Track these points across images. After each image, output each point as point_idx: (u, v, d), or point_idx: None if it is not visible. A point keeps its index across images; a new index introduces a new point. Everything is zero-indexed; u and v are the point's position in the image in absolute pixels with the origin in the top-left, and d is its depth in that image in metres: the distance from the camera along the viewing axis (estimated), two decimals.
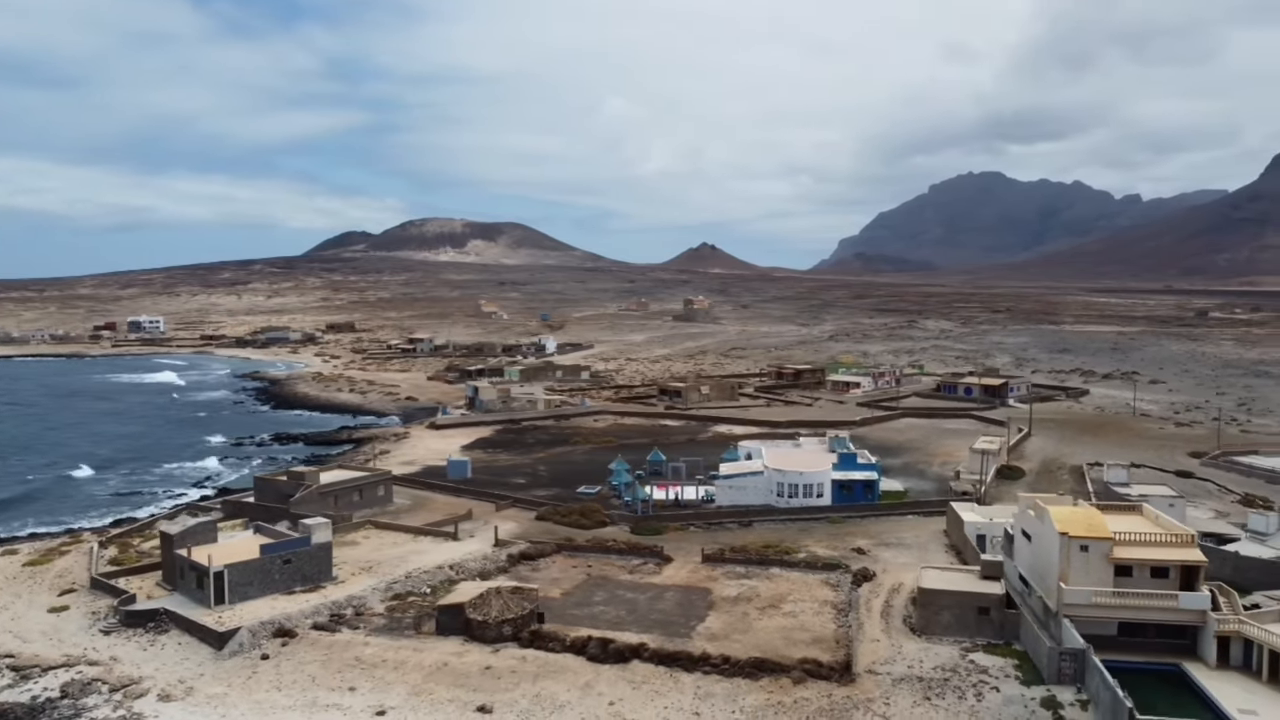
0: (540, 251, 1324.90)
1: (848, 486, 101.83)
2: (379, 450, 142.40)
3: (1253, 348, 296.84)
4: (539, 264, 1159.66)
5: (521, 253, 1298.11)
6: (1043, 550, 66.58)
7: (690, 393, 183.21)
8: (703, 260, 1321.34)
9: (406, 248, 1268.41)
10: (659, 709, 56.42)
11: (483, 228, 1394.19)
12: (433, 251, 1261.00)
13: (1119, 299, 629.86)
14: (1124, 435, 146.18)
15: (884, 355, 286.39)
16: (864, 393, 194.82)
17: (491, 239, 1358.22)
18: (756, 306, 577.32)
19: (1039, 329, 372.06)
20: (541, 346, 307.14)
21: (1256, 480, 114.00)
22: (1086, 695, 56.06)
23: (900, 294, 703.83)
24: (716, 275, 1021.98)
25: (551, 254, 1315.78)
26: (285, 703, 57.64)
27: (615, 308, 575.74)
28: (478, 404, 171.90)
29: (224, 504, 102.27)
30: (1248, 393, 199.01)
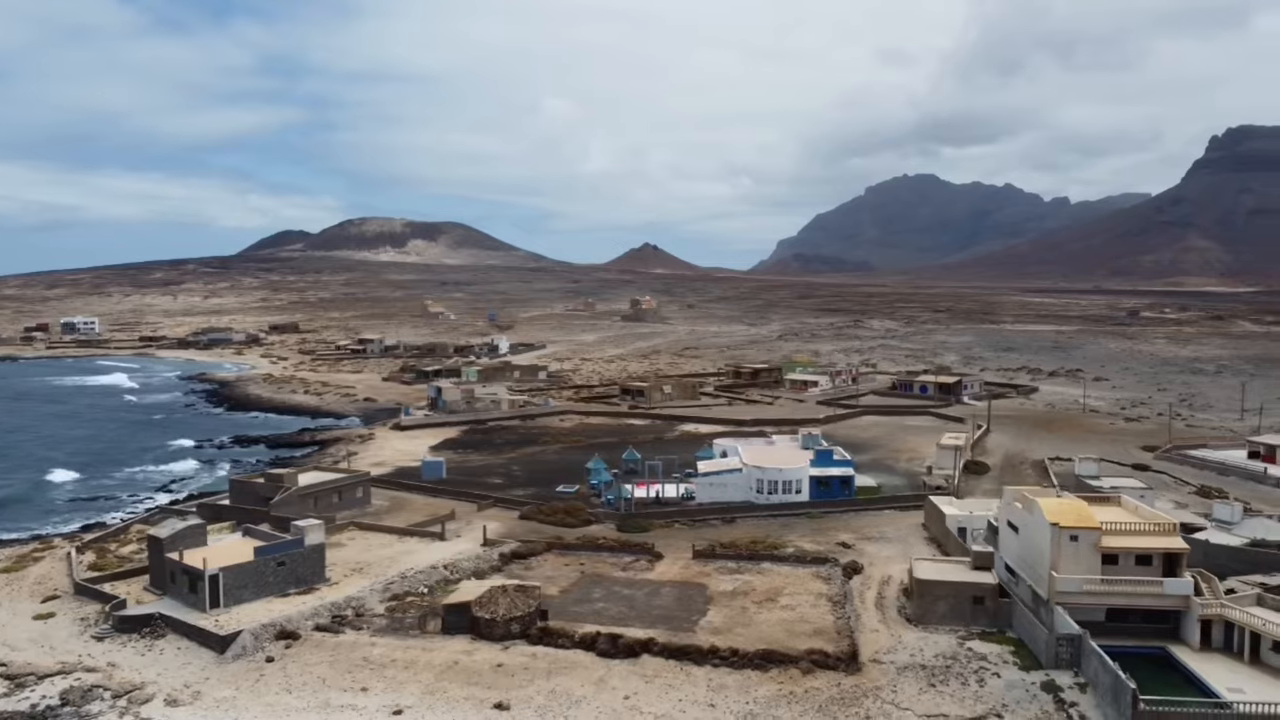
0: (482, 251, 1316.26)
1: (825, 483, 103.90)
2: (347, 452, 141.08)
3: (1185, 346, 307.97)
4: (481, 264, 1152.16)
5: (463, 253, 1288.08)
6: (1032, 541, 68.96)
7: (653, 392, 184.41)
8: (645, 261, 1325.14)
9: (346, 247, 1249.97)
10: (674, 701, 57.39)
11: (423, 227, 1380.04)
12: (373, 251, 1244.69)
13: (1053, 299, 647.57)
14: (1078, 431, 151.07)
15: (835, 354, 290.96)
16: (822, 391, 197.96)
17: (432, 239, 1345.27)
18: (702, 307, 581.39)
19: (981, 328, 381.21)
20: (495, 347, 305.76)
21: (1209, 473, 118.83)
22: (1084, 679, 58.40)
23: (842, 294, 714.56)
24: (659, 275, 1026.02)
25: (493, 254, 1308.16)
26: (298, 705, 57.34)
27: (562, 308, 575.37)
28: (441, 405, 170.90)
29: (200, 507, 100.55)
30: (1186, 389, 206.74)
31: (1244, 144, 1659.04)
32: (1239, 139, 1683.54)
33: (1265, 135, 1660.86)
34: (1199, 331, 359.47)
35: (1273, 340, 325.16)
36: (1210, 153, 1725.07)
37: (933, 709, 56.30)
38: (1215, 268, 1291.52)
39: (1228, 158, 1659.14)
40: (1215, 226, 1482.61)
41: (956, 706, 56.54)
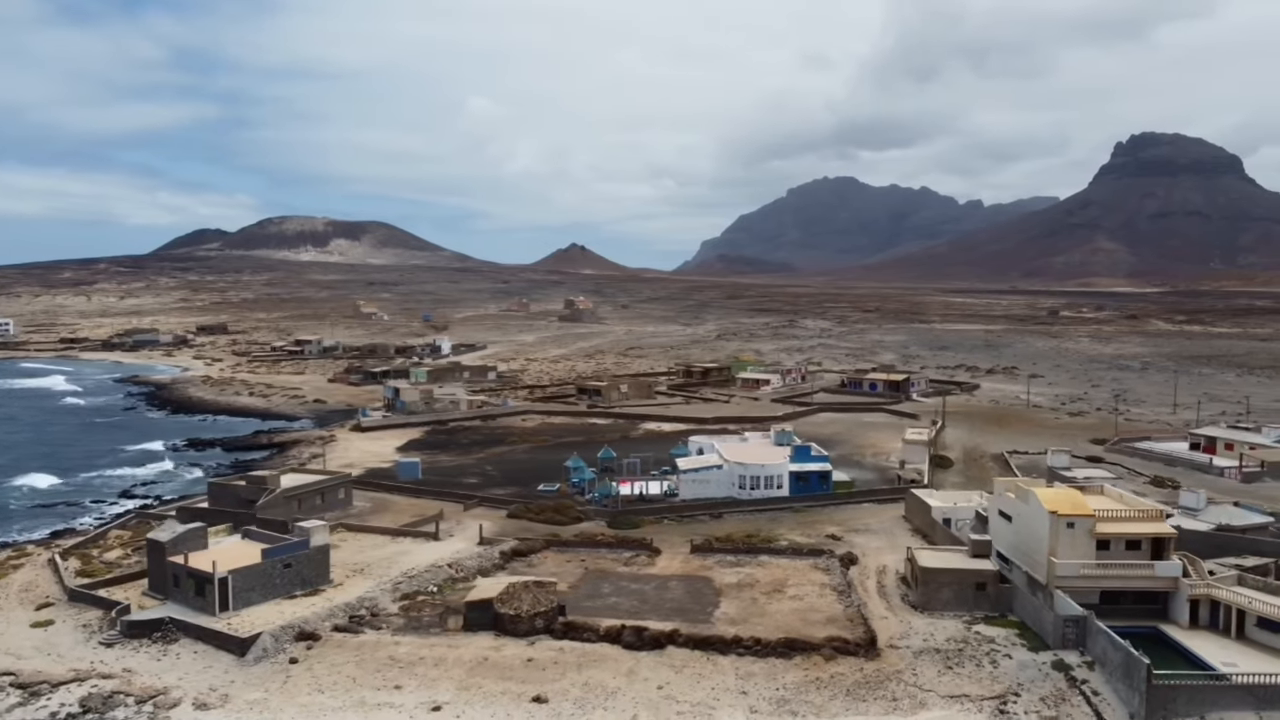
0: (407, 251, 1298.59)
1: (804, 478, 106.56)
2: (311, 454, 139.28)
3: (1108, 343, 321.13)
4: (406, 264, 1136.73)
5: (387, 252, 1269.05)
6: (1027, 529, 72.36)
7: (610, 391, 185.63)
8: (573, 261, 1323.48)
9: (265, 246, 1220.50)
10: (706, 690, 58.93)
11: (346, 226, 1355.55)
12: (294, 251, 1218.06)
13: (974, 299, 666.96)
14: (1027, 426, 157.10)
15: (777, 354, 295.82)
16: (774, 389, 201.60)
17: (355, 238, 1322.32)
18: (635, 307, 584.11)
19: (913, 327, 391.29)
20: (437, 348, 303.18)
21: (1156, 463, 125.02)
22: (1090, 657, 61.67)
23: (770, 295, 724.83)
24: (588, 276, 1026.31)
25: (419, 254, 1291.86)
26: (333, 704, 57.26)
27: (496, 308, 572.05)
28: (399, 406, 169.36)
29: (180, 511, 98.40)
30: (1117, 385, 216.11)
31: (1146, 150, 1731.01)
32: (1142, 145, 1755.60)
33: (1166, 142, 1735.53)
34: (1118, 330, 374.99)
35: (1186, 338, 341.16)
36: (1115, 158, 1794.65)
37: (954, 690, 58.92)
38: (1122, 269, 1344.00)
39: (1131, 163, 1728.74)
40: (1121, 229, 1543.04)
41: (976, 687, 59.26)
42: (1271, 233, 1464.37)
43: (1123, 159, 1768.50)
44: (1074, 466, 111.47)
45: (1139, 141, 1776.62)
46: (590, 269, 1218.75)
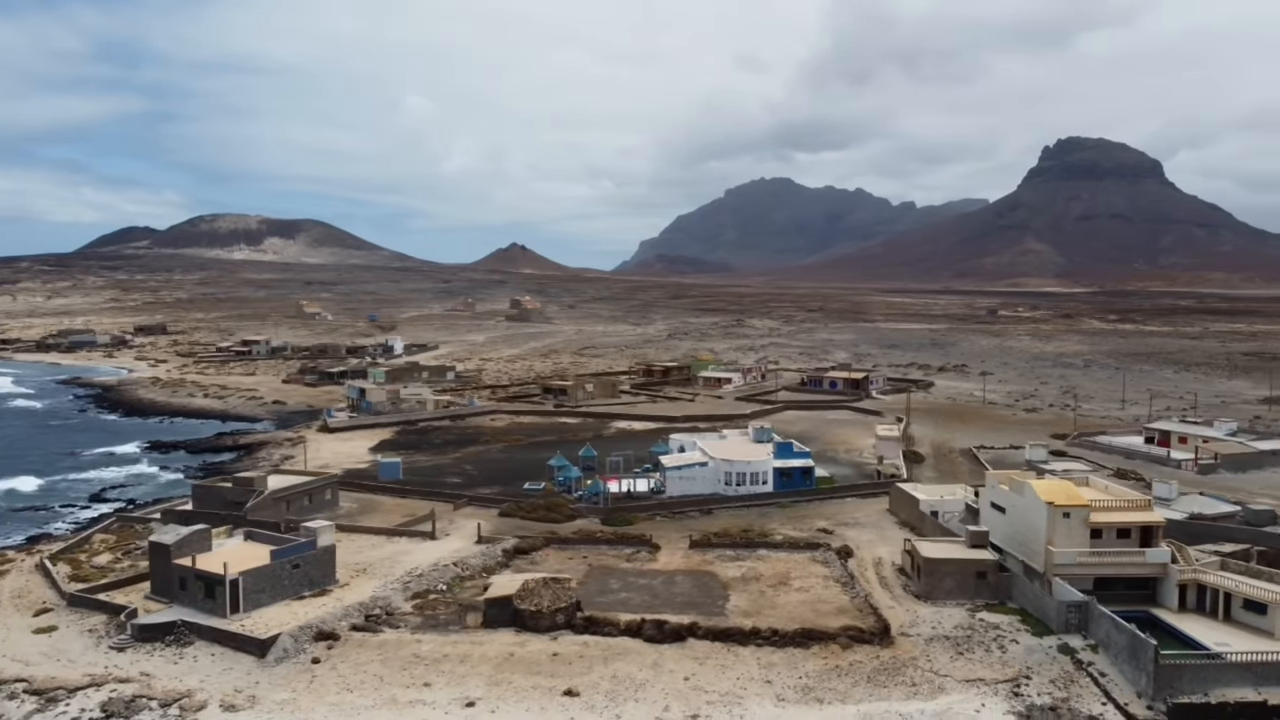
0: (344, 250, 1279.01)
1: (788, 474, 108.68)
2: (283, 455, 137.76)
3: (1049, 342, 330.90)
4: (344, 263, 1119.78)
5: (324, 251, 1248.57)
6: (1022, 519, 75.30)
7: (575, 391, 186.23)
8: (514, 261, 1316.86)
9: (197, 245, 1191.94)
10: (732, 680, 60.33)
11: (280, 225, 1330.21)
12: (226, 249, 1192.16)
13: (912, 299, 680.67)
14: (987, 422, 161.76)
15: (730, 353, 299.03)
16: (736, 388, 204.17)
17: (290, 237, 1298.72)
18: (582, 307, 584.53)
19: (860, 326, 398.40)
20: (390, 348, 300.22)
21: (1116, 456, 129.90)
22: (1093, 640, 64.48)
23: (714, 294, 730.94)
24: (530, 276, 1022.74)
25: (356, 253, 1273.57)
26: (364, 703, 57.34)
27: (441, 308, 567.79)
28: (365, 406, 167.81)
29: (164, 514, 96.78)
30: (1065, 382, 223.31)
31: (1072, 154, 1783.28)
32: (1068, 150, 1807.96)
33: (1090, 147, 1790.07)
34: (1056, 329, 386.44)
35: (1122, 337, 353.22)
36: (1043, 162, 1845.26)
37: (970, 674, 61.20)
38: (1050, 269, 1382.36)
39: (1058, 167, 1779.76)
40: (1049, 231, 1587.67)
41: (989, 671, 61.63)
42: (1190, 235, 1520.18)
43: (1050, 163, 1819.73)
44: (1050, 460, 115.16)
45: (1065, 146, 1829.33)
46: (531, 269, 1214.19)
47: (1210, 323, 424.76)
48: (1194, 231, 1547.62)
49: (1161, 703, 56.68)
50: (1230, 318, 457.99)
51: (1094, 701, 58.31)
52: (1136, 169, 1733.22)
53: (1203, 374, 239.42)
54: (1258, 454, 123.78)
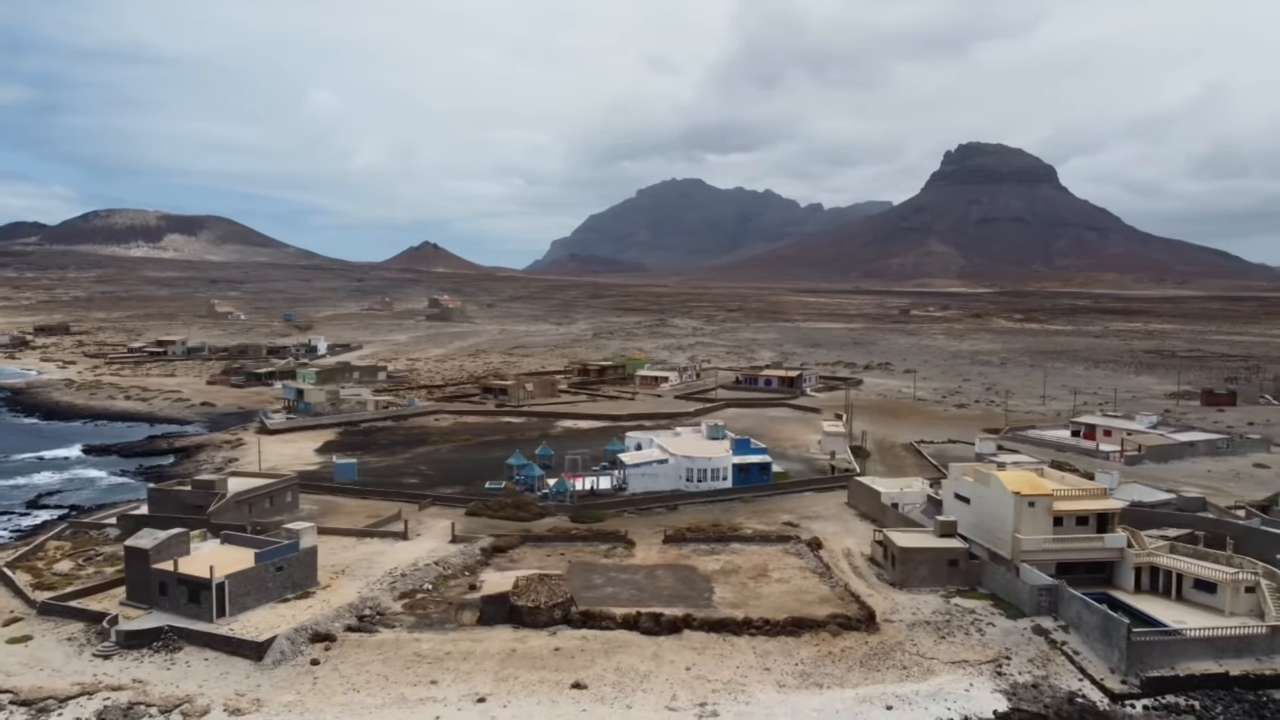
0: (249, 248, 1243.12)
1: (746, 470, 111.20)
2: (226, 457, 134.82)
3: (963, 340, 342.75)
4: (250, 261, 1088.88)
5: (228, 249, 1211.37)
6: (988, 509, 79.09)
7: (516, 390, 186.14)
8: (426, 260, 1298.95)
9: (92, 241, 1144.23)
10: (732, 668, 62.19)
11: (181, 221, 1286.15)
12: (124, 246, 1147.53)
13: (826, 298, 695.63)
14: (921, 418, 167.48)
15: (659, 351, 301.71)
16: (672, 386, 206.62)
17: (192, 233, 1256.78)
18: (501, 306, 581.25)
19: (781, 326, 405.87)
20: (313, 348, 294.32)
21: (1048, 450, 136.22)
22: (1064, 621, 68.33)
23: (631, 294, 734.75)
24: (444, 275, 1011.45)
25: (262, 251, 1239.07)
26: (373, 702, 57.38)
27: (357, 307, 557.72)
28: (303, 407, 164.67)
29: (119, 519, 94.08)
30: (985, 379, 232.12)
31: (972, 159, 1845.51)
32: (968, 155, 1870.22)
33: (989, 152, 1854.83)
34: (967, 328, 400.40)
35: (1030, 336, 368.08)
36: (945, 166, 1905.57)
37: (954, 656, 64.32)
38: (953, 270, 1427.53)
39: (959, 171, 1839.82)
40: (951, 233, 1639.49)
41: (971, 653, 64.87)
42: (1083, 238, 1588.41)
43: (951, 167, 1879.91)
44: (999, 453, 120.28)
45: (966, 151, 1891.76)
46: (444, 267, 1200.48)
47: (1109, 322, 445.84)
48: (1086, 235, 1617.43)
49: (1134, 677, 60.64)
50: (1126, 317, 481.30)
51: (1071, 678, 61.99)
52: (1033, 174, 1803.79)
53: (1111, 371, 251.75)
54: (1178, 445, 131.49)
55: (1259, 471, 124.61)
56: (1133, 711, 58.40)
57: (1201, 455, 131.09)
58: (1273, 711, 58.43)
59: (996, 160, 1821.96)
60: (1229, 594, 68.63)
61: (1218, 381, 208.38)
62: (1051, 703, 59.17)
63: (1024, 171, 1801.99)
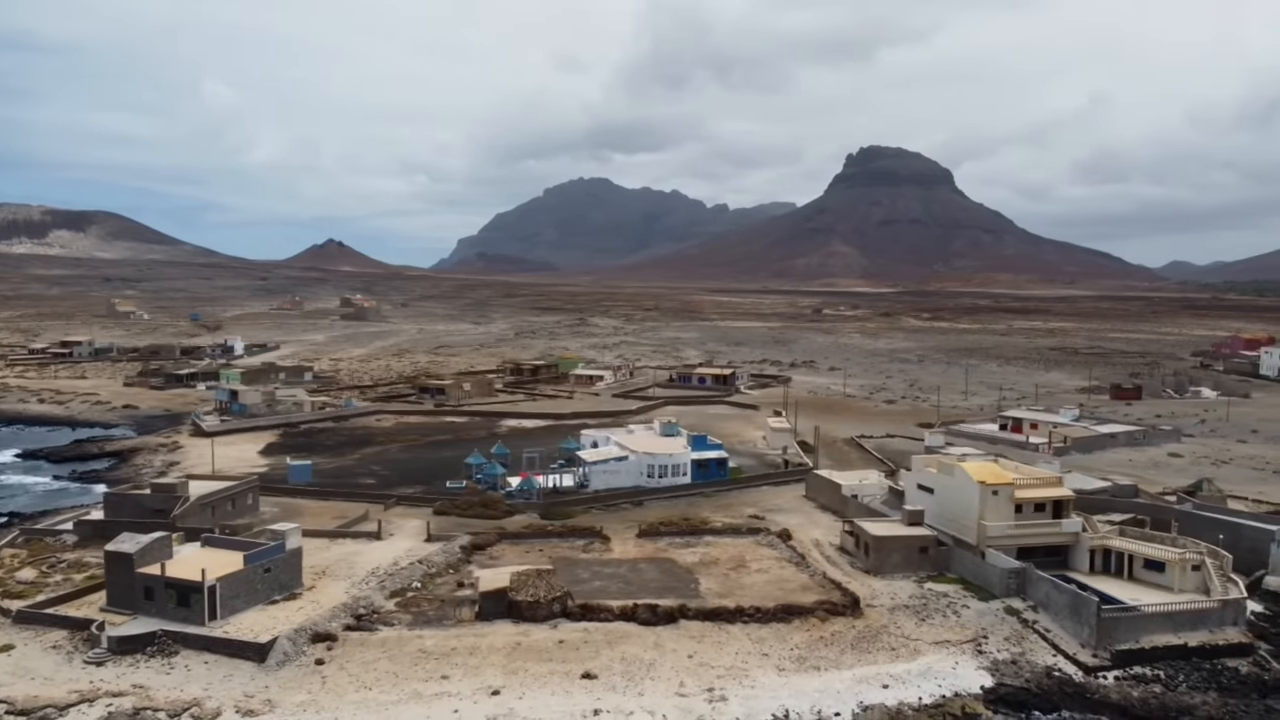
0: (143, 245, 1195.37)
1: (704, 465, 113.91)
2: (166, 461, 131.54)
3: (877, 339, 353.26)
4: (144, 259, 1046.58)
5: (120, 245, 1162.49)
6: (953, 498, 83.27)
7: (454, 390, 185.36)
8: (331, 258, 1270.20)
9: None
10: (732, 654, 64.49)
11: (68, 216, 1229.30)
12: (5, 242, 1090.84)
13: (739, 298, 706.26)
14: (856, 413, 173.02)
15: (585, 351, 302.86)
16: (608, 385, 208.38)
17: (80, 229, 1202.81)
18: (415, 305, 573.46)
19: (700, 325, 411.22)
20: (230, 348, 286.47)
21: (981, 443, 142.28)
22: (1033, 601, 72.66)
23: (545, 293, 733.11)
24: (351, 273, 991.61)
25: (157, 248, 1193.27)
26: (387, 699, 57.79)
27: (265, 306, 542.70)
28: (237, 409, 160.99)
29: (77, 525, 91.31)
30: (905, 375, 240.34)
31: (873, 162, 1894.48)
32: (869, 158, 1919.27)
33: (890, 155, 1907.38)
34: (880, 327, 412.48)
35: (941, 334, 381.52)
36: (847, 168, 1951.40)
37: (936, 637, 67.92)
38: (856, 270, 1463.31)
39: (861, 173, 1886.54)
40: (853, 234, 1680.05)
41: (951, 634, 68.57)
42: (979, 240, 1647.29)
43: (853, 169, 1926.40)
44: (947, 446, 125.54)
45: (867, 154, 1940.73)
46: (350, 266, 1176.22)
47: (1011, 320, 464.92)
48: (981, 236, 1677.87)
49: (1105, 650, 65.15)
50: (1026, 316, 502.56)
51: (1045, 654, 66.20)
52: (930, 177, 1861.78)
53: (1023, 367, 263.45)
54: (1100, 437, 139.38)
55: (1174, 460, 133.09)
56: (1105, 682, 62.76)
57: (1121, 446, 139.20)
58: (1228, 678, 63.56)
59: (896, 163, 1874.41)
60: (1177, 573, 73.95)
61: (1123, 377, 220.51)
62: (1031, 677, 63.18)
63: (922, 175, 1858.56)
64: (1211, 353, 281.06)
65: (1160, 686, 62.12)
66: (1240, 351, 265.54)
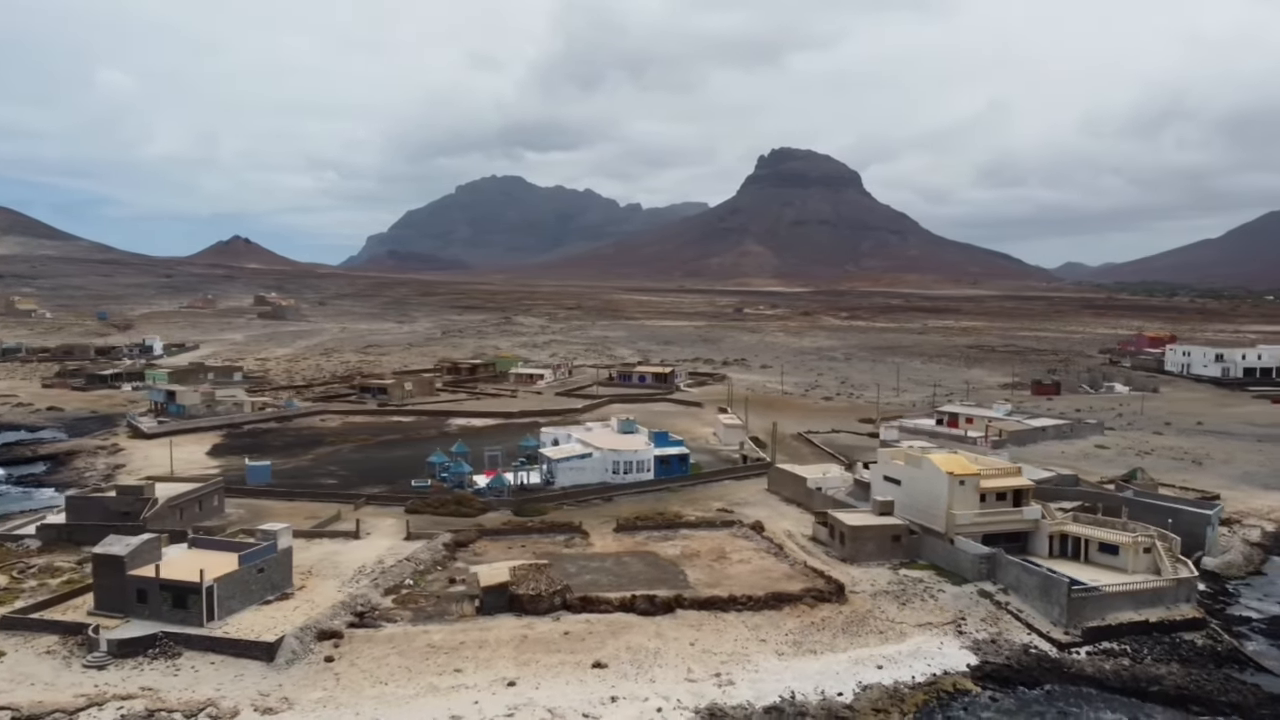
0: (33, 240, 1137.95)
1: (667, 461, 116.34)
2: (112, 464, 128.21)
3: (801, 337, 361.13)
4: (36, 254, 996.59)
5: (10, 240, 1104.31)
6: (921, 488, 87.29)
7: (395, 389, 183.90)
8: (237, 255, 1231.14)
9: None
10: (731, 641, 66.99)
11: None
12: None
13: (659, 297, 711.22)
14: (797, 410, 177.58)
15: (517, 349, 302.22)
16: (548, 384, 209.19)
17: None
18: (332, 304, 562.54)
19: (627, 324, 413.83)
20: (149, 348, 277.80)
21: (921, 437, 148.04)
22: (1003, 584, 76.96)
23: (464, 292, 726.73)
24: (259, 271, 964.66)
25: (48, 243, 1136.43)
26: (405, 693, 58.55)
27: (174, 304, 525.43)
28: (174, 410, 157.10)
29: (40, 529, 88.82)
30: (835, 373, 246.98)
31: (784, 164, 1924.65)
32: (780, 159, 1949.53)
33: (800, 157, 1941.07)
34: (802, 325, 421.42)
35: (861, 333, 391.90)
36: (759, 170, 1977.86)
37: (919, 620, 71.60)
38: (769, 270, 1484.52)
39: (772, 175, 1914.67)
40: (766, 235, 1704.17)
41: (932, 616, 72.35)
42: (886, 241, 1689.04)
43: (765, 171, 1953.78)
44: (901, 440, 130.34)
45: (778, 155, 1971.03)
46: (258, 263, 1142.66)
47: (926, 319, 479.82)
48: (888, 238, 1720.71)
49: (1075, 628, 69.66)
50: (938, 315, 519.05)
51: (1020, 633, 70.45)
52: (839, 179, 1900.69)
53: (945, 364, 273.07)
54: (1033, 430, 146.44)
55: (1101, 451, 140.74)
56: (1079, 658, 67.19)
57: (1051, 439, 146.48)
58: (1186, 650, 68.64)
59: (806, 165, 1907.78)
60: (1131, 555, 79.20)
61: (1042, 373, 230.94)
62: (1011, 654, 67.24)
63: (831, 177, 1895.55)
64: (1118, 350, 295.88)
65: (1128, 660, 66.80)
66: (1145, 349, 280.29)
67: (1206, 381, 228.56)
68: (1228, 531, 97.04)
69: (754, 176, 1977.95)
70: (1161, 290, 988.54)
